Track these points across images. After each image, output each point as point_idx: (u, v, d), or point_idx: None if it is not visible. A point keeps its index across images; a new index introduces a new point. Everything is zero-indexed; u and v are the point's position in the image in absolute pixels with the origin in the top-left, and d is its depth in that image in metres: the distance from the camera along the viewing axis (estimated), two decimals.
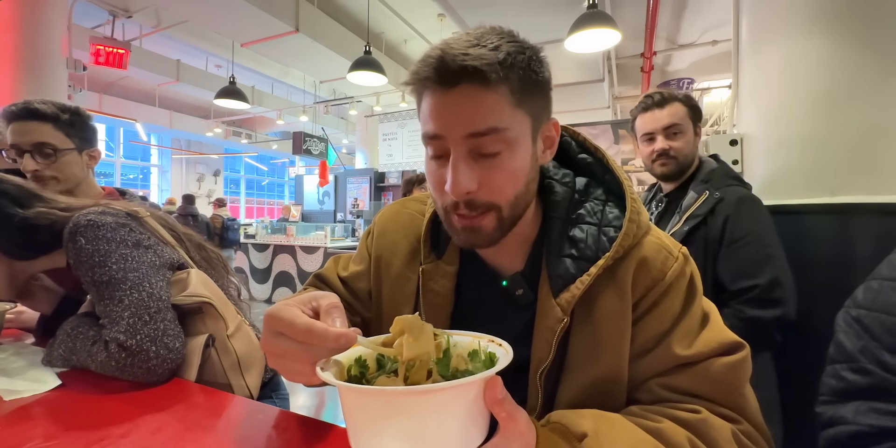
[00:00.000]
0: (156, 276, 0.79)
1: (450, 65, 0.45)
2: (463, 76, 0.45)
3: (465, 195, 0.48)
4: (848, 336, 0.53)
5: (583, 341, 0.52)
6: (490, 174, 0.49)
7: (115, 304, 0.73)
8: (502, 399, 0.36)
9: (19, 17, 3.68)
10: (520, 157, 0.50)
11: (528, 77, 0.48)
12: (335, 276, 0.70)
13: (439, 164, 0.50)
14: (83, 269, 0.77)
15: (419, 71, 0.48)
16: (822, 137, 1.32)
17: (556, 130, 0.56)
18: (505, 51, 0.46)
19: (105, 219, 0.80)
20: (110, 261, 0.76)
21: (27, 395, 0.66)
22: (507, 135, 0.48)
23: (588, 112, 6.99)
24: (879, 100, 1.23)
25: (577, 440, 0.42)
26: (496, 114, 0.47)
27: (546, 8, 4.32)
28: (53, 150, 1.10)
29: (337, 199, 8.71)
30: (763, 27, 1.53)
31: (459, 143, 0.48)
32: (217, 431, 0.56)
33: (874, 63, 1.23)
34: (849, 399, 0.51)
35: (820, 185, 1.32)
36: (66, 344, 0.76)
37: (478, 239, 0.52)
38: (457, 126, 0.47)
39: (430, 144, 0.50)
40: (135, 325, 0.71)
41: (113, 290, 0.74)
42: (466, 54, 0.45)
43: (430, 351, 0.38)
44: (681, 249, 0.55)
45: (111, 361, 0.70)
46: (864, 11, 1.25)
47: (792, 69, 1.40)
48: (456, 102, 0.47)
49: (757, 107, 1.56)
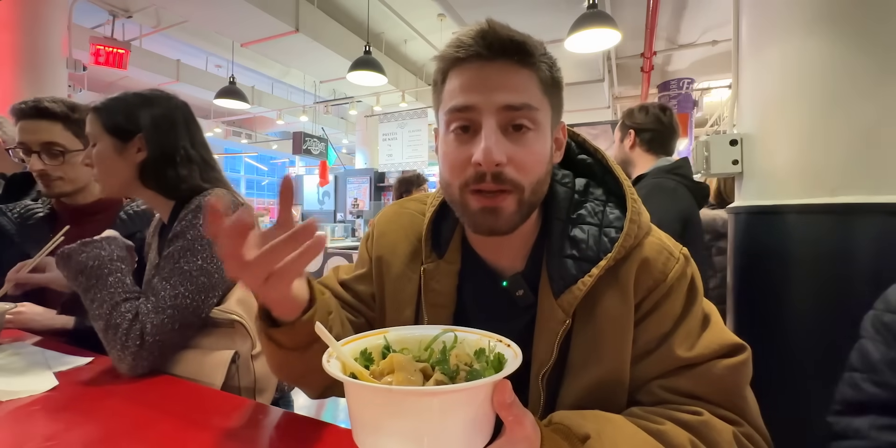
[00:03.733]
0: (213, 292, 0.82)
1: (498, 33, 0.47)
2: (507, 48, 0.47)
3: (495, 167, 0.47)
4: (875, 344, 0.49)
5: (584, 343, 0.52)
6: (519, 150, 0.49)
7: (169, 291, 0.78)
8: (511, 403, 0.36)
9: (19, 17, 3.67)
10: (543, 142, 0.51)
11: (553, 72, 0.51)
12: (335, 282, 0.69)
13: (463, 139, 0.50)
14: (178, 241, 0.81)
15: (460, 40, 0.49)
16: (821, 137, 1.32)
17: (563, 133, 0.57)
18: (538, 41, 0.50)
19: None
20: (202, 255, 0.81)
21: (24, 395, 0.66)
22: (537, 116, 0.49)
23: (588, 112, 6.99)
24: (880, 100, 1.22)
25: (580, 441, 0.42)
26: (531, 92, 0.49)
27: (546, 8, 4.32)
28: (62, 151, 1.09)
29: (337, 199, 8.70)
30: (763, 27, 1.53)
31: (493, 115, 0.48)
32: (217, 431, 0.56)
33: (874, 63, 1.23)
34: (865, 412, 0.47)
35: (820, 185, 1.31)
36: (103, 278, 0.79)
37: (497, 221, 0.50)
38: (493, 97, 0.48)
39: (457, 119, 0.49)
40: (166, 326, 0.76)
41: (180, 279, 0.79)
42: (510, 30, 0.48)
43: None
44: (681, 250, 0.55)
45: (119, 329, 0.74)
46: (864, 12, 1.25)
47: (792, 69, 1.40)
48: (494, 74, 0.48)
49: (757, 107, 1.56)
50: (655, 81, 6.54)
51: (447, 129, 0.51)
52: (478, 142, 0.47)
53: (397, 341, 0.44)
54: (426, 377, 0.38)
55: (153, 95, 0.93)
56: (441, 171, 0.54)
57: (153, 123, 0.91)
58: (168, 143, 0.91)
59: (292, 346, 0.49)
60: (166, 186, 0.91)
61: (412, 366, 0.38)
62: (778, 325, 1.38)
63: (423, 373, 0.38)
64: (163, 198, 0.93)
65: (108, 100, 0.91)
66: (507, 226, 0.51)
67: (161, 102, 0.93)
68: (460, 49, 0.48)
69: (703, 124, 9.00)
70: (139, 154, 0.90)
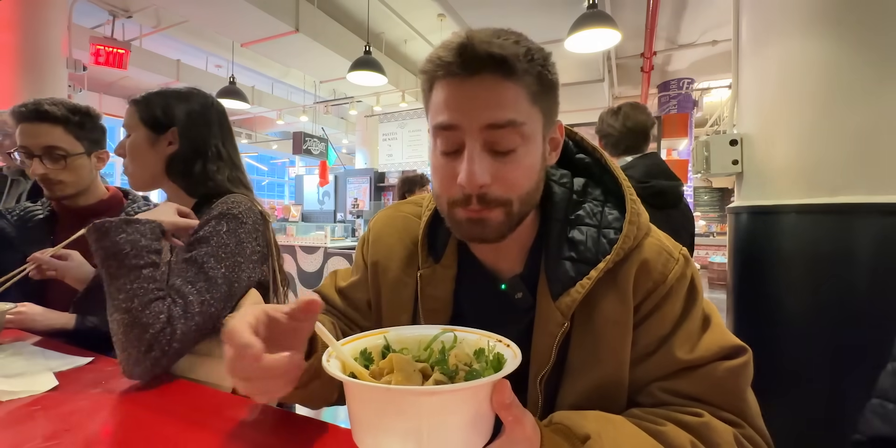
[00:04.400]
0: (231, 301, 0.81)
1: (476, 49, 0.44)
2: (487, 64, 0.45)
3: (479, 189, 0.47)
4: None
5: (583, 346, 0.52)
6: (505, 169, 0.47)
7: (197, 297, 0.76)
8: (510, 403, 0.35)
9: (19, 17, 3.67)
10: (533, 154, 0.49)
11: (544, 75, 0.48)
12: (332, 291, 0.68)
13: (449, 157, 0.49)
14: (203, 246, 0.80)
15: (439, 56, 0.47)
16: (821, 137, 1.32)
17: (560, 133, 0.56)
18: (525, 46, 0.46)
19: (248, 219, 0.86)
20: (226, 263, 0.80)
21: (24, 395, 0.66)
22: (524, 130, 0.47)
23: (588, 112, 6.97)
24: (879, 99, 1.22)
25: (581, 442, 0.42)
26: (515, 107, 0.46)
27: (546, 8, 4.32)
28: (63, 155, 1.08)
29: (337, 199, 8.70)
30: (763, 27, 1.53)
31: (476, 135, 0.46)
32: (217, 431, 0.56)
33: (874, 63, 1.23)
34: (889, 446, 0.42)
35: (820, 184, 1.31)
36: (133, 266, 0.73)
37: (484, 231, 0.49)
38: (475, 116, 0.46)
39: (441, 136, 0.48)
40: (191, 333, 0.74)
41: (206, 286, 0.78)
42: (491, 43, 0.45)
43: None
44: (681, 251, 0.55)
45: (149, 331, 0.70)
46: (864, 12, 1.25)
47: (792, 69, 1.40)
48: (476, 91, 0.45)
49: (757, 107, 1.56)
50: (655, 81, 6.54)
51: (434, 142, 0.50)
52: (462, 160, 0.46)
53: (397, 341, 0.44)
54: (425, 377, 0.38)
55: (191, 93, 0.96)
56: (432, 182, 0.54)
57: (188, 118, 0.93)
58: (200, 139, 0.94)
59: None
60: (190, 181, 0.93)
61: (411, 366, 0.38)
62: (777, 325, 1.38)
63: (422, 373, 0.38)
64: (184, 194, 0.94)
65: (148, 93, 0.94)
66: (496, 235, 0.50)
67: (198, 100, 0.96)
68: (440, 67, 0.47)
69: (703, 124, 9.00)
70: (170, 147, 0.92)
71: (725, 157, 1.64)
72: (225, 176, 0.95)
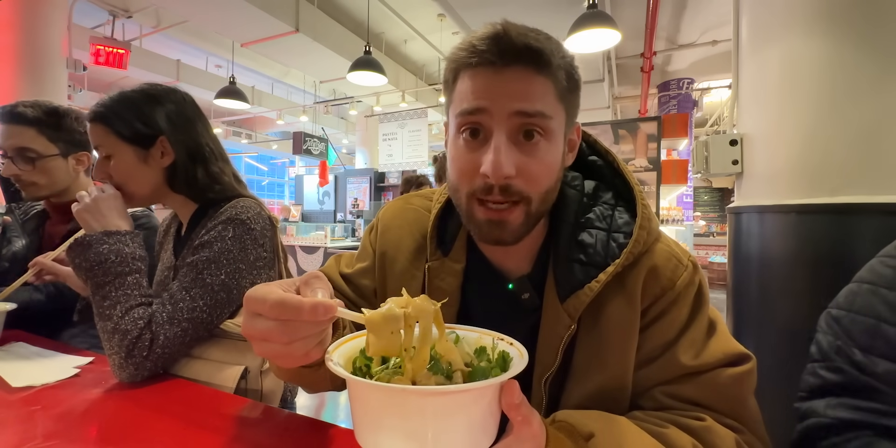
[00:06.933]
0: (228, 308, 0.80)
1: (513, 40, 0.45)
2: (522, 55, 0.45)
3: (504, 179, 0.46)
4: (826, 336, 0.55)
5: (589, 348, 0.52)
6: (529, 162, 0.47)
7: (188, 303, 0.75)
8: (519, 404, 0.35)
9: (19, 17, 3.68)
10: (555, 152, 0.50)
11: (571, 74, 0.49)
12: (337, 274, 0.68)
13: (472, 146, 0.48)
14: (204, 251, 0.79)
15: (473, 44, 0.46)
16: (822, 137, 1.32)
17: (577, 134, 0.56)
18: (556, 43, 0.47)
19: (256, 225, 0.83)
20: (226, 269, 0.79)
21: (37, 384, 0.69)
22: (551, 124, 0.47)
23: (588, 112, 6.98)
24: (880, 99, 1.23)
25: (584, 439, 0.42)
26: (545, 100, 0.47)
27: (546, 8, 4.32)
28: (33, 157, 1.07)
29: (337, 199, 8.70)
30: (763, 27, 1.53)
31: (504, 121, 0.46)
32: (217, 431, 0.56)
33: (874, 63, 1.23)
34: (823, 395, 0.53)
35: (820, 184, 1.32)
36: (121, 277, 0.74)
37: (503, 233, 0.50)
38: (506, 101, 0.46)
39: (467, 122, 0.48)
40: (177, 340, 0.74)
41: (201, 292, 0.76)
42: (527, 35, 0.45)
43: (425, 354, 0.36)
44: (690, 258, 0.55)
45: (127, 336, 0.70)
46: (864, 11, 1.25)
47: (792, 69, 1.40)
48: (508, 81, 0.46)
49: (757, 107, 1.56)
50: (655, 81, 6.55)
51: (457, 131, 0.50)
52: (487, 150, 0.46)
53: None
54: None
55: (157, 92, 0.86)
56: (449, 174, 0.53)
57: (170, 122, 0.85)
58: (191, 142, 0.88)
59: (305, 366, 0.46)
60: (197, 189, 0.88)
61: (388, 326, 0.35)
62: (777, 325, 1.38)
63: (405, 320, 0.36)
64: (191, 202, 0.90)
65: (109, 104, 0.82)
66: (513, 237, 0.50)
67: (169, 98, 0.87)
68: (473, 55, 0.46)
69: (703, 124, 9.01)
70: (165, 158, 0.86)
71: (725, 157, 1.64)
72: (230, 176, 0.92)
